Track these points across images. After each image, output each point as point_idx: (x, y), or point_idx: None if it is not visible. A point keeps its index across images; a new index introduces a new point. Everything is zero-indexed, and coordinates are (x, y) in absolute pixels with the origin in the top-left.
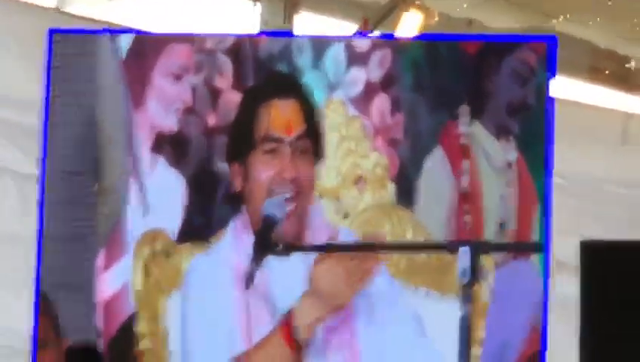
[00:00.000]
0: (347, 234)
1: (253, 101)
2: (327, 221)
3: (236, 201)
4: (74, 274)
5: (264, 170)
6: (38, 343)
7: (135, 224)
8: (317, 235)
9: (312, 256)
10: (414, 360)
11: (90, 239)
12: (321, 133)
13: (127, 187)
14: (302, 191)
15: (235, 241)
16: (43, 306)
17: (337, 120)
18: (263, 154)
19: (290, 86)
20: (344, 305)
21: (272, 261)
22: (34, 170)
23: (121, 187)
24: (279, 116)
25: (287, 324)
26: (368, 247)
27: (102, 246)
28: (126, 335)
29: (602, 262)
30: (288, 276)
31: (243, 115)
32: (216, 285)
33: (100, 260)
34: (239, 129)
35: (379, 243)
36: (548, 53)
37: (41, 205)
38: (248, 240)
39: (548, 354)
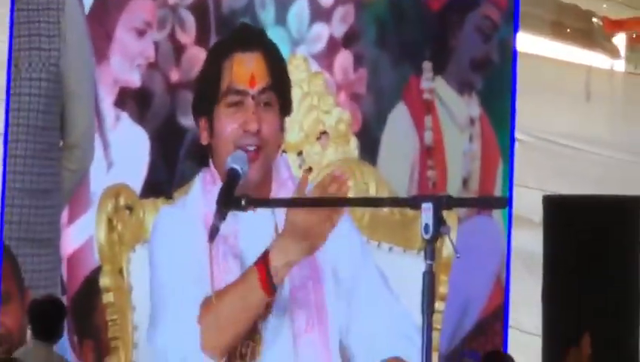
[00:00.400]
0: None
1: (218, 54)
2: (291, 175)
3: (204, 155)
4: (38, 228)
5: (228, 123)
6: (2, 297)
7: (99, 179)
8: (282, 189)
9: (281, 209)
10: (379, 316)
11: (54, 194)
12: (286, 87)
13: (92, 143)
14: (266, 145)
15: (203, 194)
16: (6, 260)
17: (300, 76)
18: (226, 107)
19: (254, 38)
20: (318, 245)
21: (241, 214)
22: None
23: (86, 143)
24: (243, 69)
25: (263, 264)
26: (331, 202)
27: (67, 201)
28: (90, 289)
29: (564, 216)
30: (257, 229)
31: (208, 68)
32: (183, 238)
33: (64, 215)
34: (204, 83)
35: (342, 198)
36: (511, 9)
37: (4, 159)
38: (215, 194)
39: (511, 308)
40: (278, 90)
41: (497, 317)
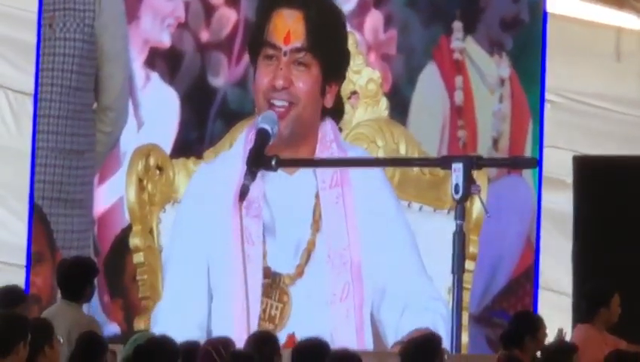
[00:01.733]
0: (342, 148)
1: (266, 5)
2: (336, 137)
3: (233, 116)
4: (71, 189)
5: (262, 75)
6: (34, 257)
7: (129, 139)
8: (325, 152)
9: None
10: (409, 275)
11: (88, 155)
12: (328, 50)
13: (126, 105)
14: (297, 103)
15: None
16: (38, 221)
17: None
18: (263, 59)
19: None
20: None
21: (275, 180)
22: (29, 86)
23: (121, 105)
24: (281, 25)
25: None
26: (362, 162)
27: (100, 163)
28: (119, 249)
29: (595, 177)
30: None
31: (257, 18)
32: (215, 195)
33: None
34: (253, 32)
35: (372, 158)
36: None
37: (35, 118)
38: None
39: (541, 268)
40: (317, 52)
41: (528, 277)
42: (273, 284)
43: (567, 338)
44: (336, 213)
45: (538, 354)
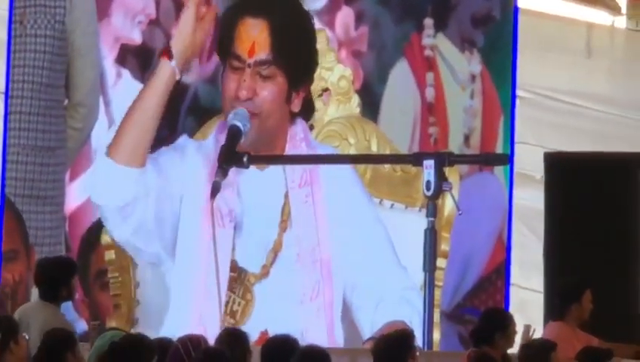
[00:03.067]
0: (312, 147)
1: (232, 14)
2: (306, 137)
3: (204, 113)
4: (42, 186)
5: (228, 84)
6: (8, 255)
7: (100, 136)
8: (295, 151)
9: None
10: (382, 272)
11: (59, 152)
12: (294, 60)
13: (97, 101)
14: (260, 113)
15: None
16: (12, 217)
17: None
18: (229, 69)
19: (263, 4)
20: None
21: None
22: (0, 83)
23: (92, 101)
24: (246, 36)
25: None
26: (332, 159)
27: (72, 160)
28: (90, 246)
29: (566, 173)
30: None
31: (223, 26)
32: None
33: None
34: (220, 40)
35: (343, 156)
36: None
37: (6, 116)
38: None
39: (513, 265)
40: (282, 63)
41: (499, 274)
42: (238, 279)
43: (537, 334)
44: (305, 212)
45: (514, 350)
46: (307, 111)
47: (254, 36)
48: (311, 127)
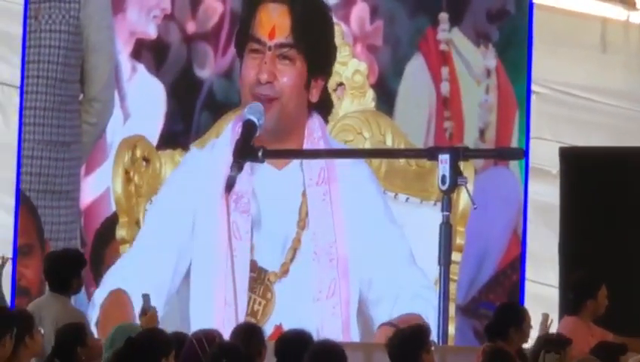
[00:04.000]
0: (330, 145)
1: (253, 0)
2: (324, 135)
3: (219, 107)
4: (57, 180)
5: (247, 68)
6: (23, 250)
7: (115, 130)
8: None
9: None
10: (398, 266)
11: (74, 147)
12: (314, 45)
13: (112, 96)
14: (281, 97)
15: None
16: (27, 212)
17: None
18: (249, 53)
19: None
20: None
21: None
22: (15, 78)
23: (106, 96)
24: (266, 19)
25: None
26: (349, 153)
27: (87, 154)
28: (105, 240)
29: (581, 168)
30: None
31: (243, 12)
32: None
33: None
34: (239, 25)
35: (359, 149)
36: None
37: (21, 111)
38: None
39: (528, 260)
40: (302, 47)
41: (514, 269)
42: (258, 279)
43: (553, 327)
44: (323, 210)
45: (529, 344)
46: (325, 105)
47: (275, 19)
48: (326, 121)
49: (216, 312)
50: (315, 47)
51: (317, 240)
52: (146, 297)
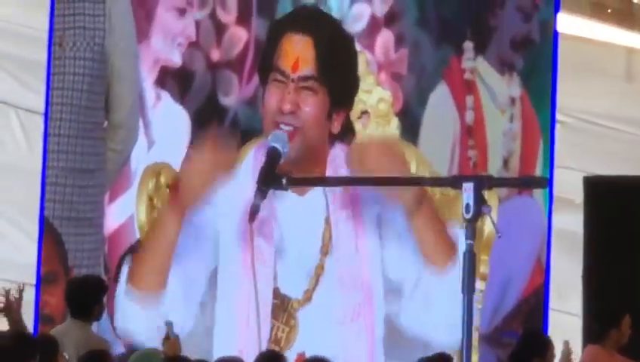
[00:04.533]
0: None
1: (276, 29)
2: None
3: (245, 135)
4: (82, 208)
5: (270, 97)
6: (47, 277)
7: (139, 158)
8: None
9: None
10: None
11: (98, 174)
12: (338, 78)
13: (136, 123)
14: (303, 127)
15: (254, 165)
16: (51, 239)
17: None
18: (272, 82)
19: (308, 22)
20: None
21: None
22: (39, 105)
23: (131, 123)
24: (290, 51)
25: None
26: (372, 181)
27: (111, 182)
28: None
29: (605, 197)
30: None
31: (267, 42)
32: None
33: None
34: (263, 55)
35: (383, 177)
36: None
37: (45, 137)
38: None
39: (551, 289)
40: (325, 80)
41: (538, 298)
42: (282, 306)
43: (576, 355)
44: (346, 234)
45: None
46: (347, 134)
47: (298, 51)
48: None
49: (240, 337)
50: (338, 80)
51: (341, 266)
52: (169, 324)
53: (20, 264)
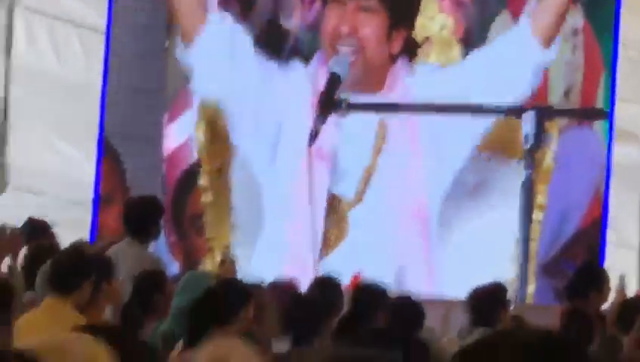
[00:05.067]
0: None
1: None
2: (403, 83)
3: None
4: (142, 127)
5: (328, 20)
6: (105, 198)
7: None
8: (391, 95)
9: (376, 119)
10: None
11: (159, 94)
12: None
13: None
14: (363, 48)
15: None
16: (111, 160)
17: None
18: (331, 3)
19: None
20: None
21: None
22: (102, 23)
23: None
24: None
25: None
26: (433, 108)
27: (170, 101)
28: (186, 188)
29: None
30: (354, 139)
31: None
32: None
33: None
34: None
35: (444, 105)
36: None
37: (106, 57)
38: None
39: (609, 220)
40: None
41: (595, 229)
42: (332, 208)
43: (630, 288)
44: (400, 136)
45: (606, 306)
46: (409, 50)
47: None
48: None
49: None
50: None
51: (393, 168)
52: (226, 249)
53: (79, 182)
